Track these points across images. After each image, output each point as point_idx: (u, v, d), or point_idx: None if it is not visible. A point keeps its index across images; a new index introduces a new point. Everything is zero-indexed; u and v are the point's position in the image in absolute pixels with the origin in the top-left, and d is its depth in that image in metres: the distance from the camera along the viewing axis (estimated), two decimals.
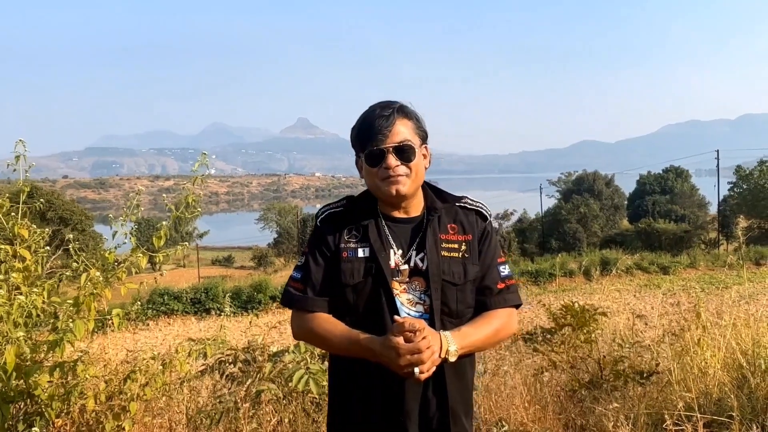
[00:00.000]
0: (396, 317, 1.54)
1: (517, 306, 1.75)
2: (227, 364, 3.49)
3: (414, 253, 1.66)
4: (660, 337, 4.16)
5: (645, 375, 3.49)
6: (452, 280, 1.65)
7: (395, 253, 1.66)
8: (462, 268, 1.67)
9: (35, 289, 2.70)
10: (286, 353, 3.42)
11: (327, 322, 1.63)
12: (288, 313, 1.76)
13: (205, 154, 3.06)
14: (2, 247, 2.75)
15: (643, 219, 45.60)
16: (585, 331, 3.82)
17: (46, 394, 2.69)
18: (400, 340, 1.47)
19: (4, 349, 2.50)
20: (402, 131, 1.62)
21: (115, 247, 2.91)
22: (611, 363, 3.59)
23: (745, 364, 3.30)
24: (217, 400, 3.26)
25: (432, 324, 1.59)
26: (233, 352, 3.55)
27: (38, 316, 2.74)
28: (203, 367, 3.54)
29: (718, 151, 47.38)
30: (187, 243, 3.40)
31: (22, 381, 2.64)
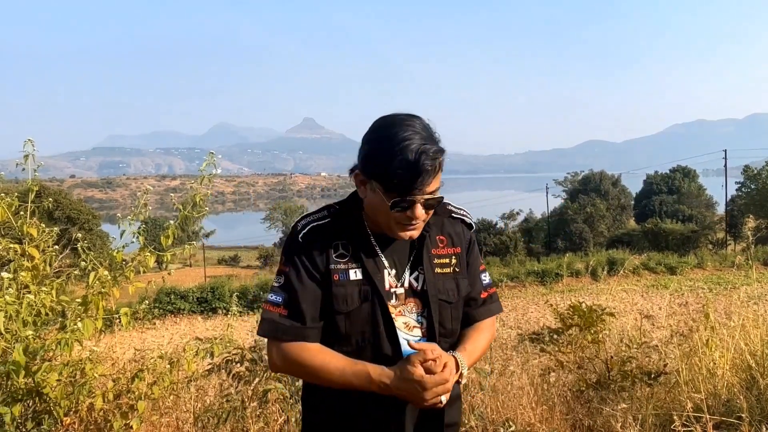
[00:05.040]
0: (410, 341, 1.44)
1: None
2: (234, 363, 3.50)
3: (408, 272, 1.54)
4: (668, 338, 4.14)
5: (653, 375, 3.47)
6: (447, 298, 1.55)
7: (389, 274, 1.52)
8: (455, 285, 1.58)
9: (44, 288, 2.71)
10: None
11: (321, 352, 1.46)
12: None
13: (212, 153, 3.07)
14: (11, 245, 2.77)
15: (650, 219, 45.41)
16: (592, 331, 3.81)
17: (54, 393, 2.71)
18: (422, 370, 1.37)
19: (13, 347, 2.51)
20: (436, 180, 1.43)
21: (123, 246, 2.92)
22: (619, 363, 3.58)
23: (754, 365, 3.28)
24: (225, 399, 3.27)
25: None
26: (240, 351, 3.56)
27: (47, 314, 2.76)
28: (210, 366, 3.55)
29: (725, 150, 47.16)
30: (193, 242, 3.41)
31: (30, 379, 2.65)
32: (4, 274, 2.65)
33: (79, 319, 2.71)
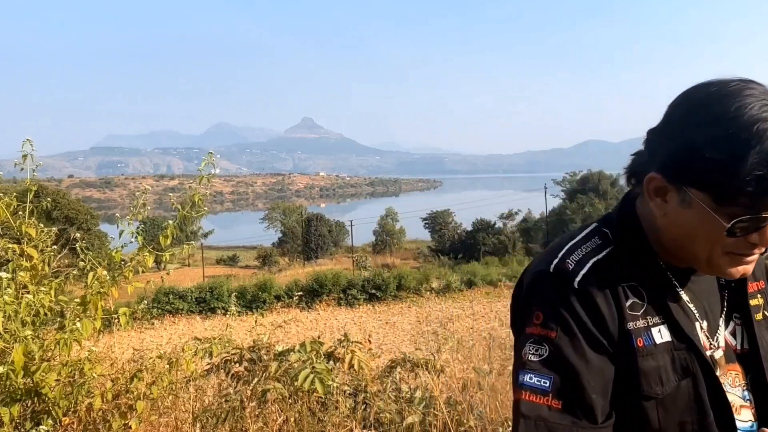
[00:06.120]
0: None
1: None
2: (233, 363, 3.50)
3: (722, 324, 1.03)
4: None
5: None
6: None
7: (701, 328, 1.00)
8: None
9: (42, 288, 2.71)
10: (292, 352, 3.43)
11: None
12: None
13: (211, 153, 3.08)
14: (10, 246, 2.77)
15: None
16: None
17: (53, 393, 2.71)
18: None
19: (12, 347, 2.51)
20: None
21: (122, 246, 2.92)
22: None
23: None
24: (223, 399, 3.27)
25: None
26: (239, 351, 3.56)
27: (45, 314, 2.76)
28: (209, 366, 3.55)
29: None
30: (192, 242, 3.42)
31: (29, 379, 2.65)
32: (3, 274, 2.65)
33: (77, 319, 2.71)
